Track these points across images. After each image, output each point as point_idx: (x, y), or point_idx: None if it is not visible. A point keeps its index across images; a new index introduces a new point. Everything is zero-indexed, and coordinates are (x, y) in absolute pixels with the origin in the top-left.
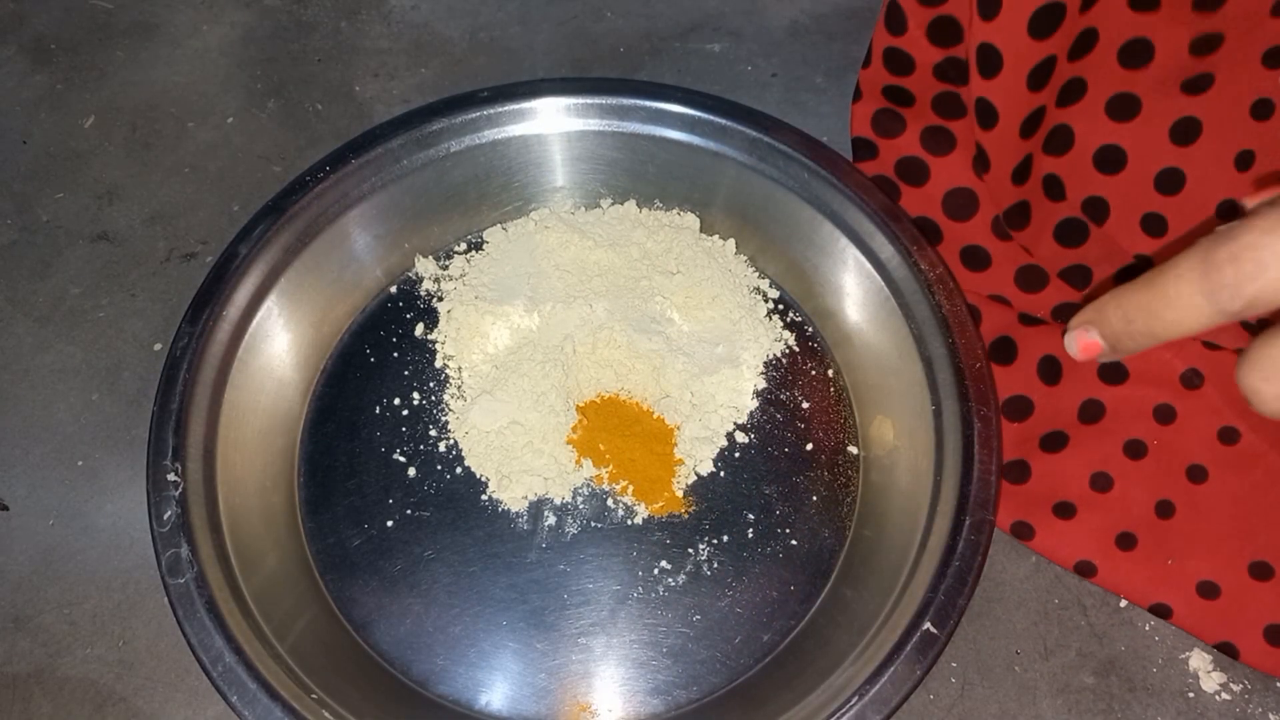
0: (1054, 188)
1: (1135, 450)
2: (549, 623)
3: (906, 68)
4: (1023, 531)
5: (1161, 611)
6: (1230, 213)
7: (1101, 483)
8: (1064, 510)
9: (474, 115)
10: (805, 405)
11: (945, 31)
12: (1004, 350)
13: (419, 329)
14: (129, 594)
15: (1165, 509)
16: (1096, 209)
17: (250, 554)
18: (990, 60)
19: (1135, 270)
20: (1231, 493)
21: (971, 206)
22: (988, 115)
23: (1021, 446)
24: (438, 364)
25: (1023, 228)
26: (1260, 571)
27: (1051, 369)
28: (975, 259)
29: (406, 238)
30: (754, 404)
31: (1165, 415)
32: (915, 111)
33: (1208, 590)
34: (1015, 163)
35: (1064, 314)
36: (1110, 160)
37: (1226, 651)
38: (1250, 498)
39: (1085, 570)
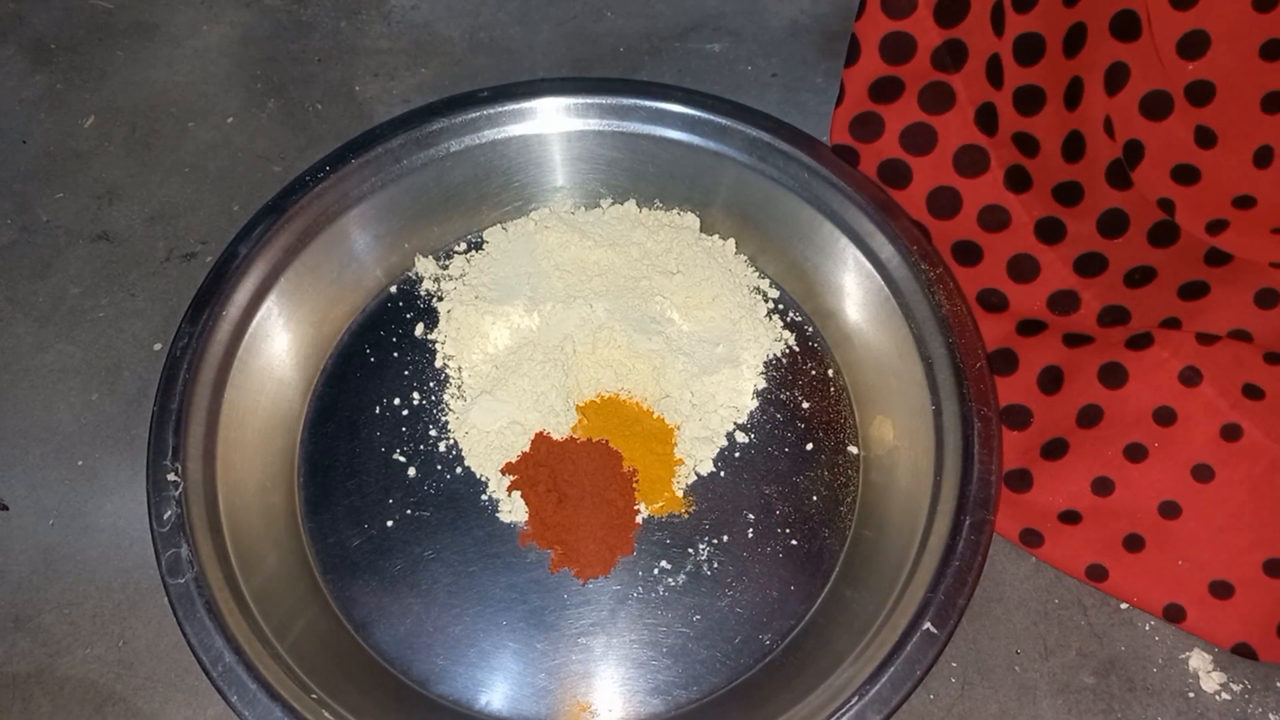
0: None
1: (1135, 453)
2: (549, 623)
3: (905, 54)
4: (1030, 539)
5: (1175, 615)
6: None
7: (1102, 487)
8: (1069, 517)
9: (474, 115)
10: (805, 405)
11: (953, 10)
12: (1004, 361)
13: (419, 329)
14: (129, 594)
15: (1170, 509)
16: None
17: (250, 554)
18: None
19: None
20: (1239, 490)
21: (955, 204)
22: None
23: (1023, 456)
24: (438, 364)
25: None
26: (1275, 569)
27: (1053, 379)
28: (966, 253)
29: (406, 238)
30: (754, 404)
31: (1165, 417)
32: (898, 107)
33: (1221, 590)
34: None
35: (1059, 303)
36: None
37: (1243, 653)
38: (1258, 493)
39: (1096, 575)
